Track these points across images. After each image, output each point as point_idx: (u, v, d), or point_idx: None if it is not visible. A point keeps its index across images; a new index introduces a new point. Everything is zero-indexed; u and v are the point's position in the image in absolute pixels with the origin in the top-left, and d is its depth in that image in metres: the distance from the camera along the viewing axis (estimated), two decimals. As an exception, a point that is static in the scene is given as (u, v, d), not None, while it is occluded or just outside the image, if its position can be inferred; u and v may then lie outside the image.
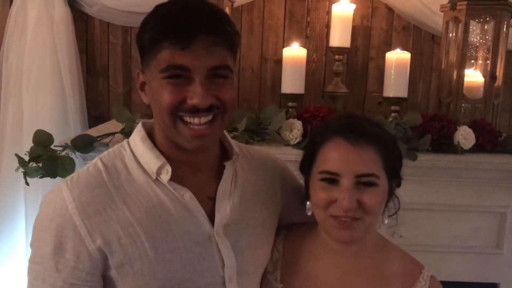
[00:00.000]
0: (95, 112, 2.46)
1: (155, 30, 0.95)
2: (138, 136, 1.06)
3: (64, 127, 2.23)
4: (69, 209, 0.96)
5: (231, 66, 1.00)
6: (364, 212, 1.06)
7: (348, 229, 1.08)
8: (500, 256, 1.95)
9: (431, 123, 1.88)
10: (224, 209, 1.06)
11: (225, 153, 1.12)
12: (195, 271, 1.01)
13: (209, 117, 0.98)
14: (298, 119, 1.86)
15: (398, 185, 1.17)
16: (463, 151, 1.86)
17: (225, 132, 1.12)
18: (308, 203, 1.16)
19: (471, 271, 1.96)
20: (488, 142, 1.91)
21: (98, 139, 1.72)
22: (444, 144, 1.87)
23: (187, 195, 1.02)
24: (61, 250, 0.96)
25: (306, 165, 1.15)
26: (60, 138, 1.80)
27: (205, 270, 1.03)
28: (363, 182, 1.06)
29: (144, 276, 0.98)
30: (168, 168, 1.01)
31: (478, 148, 1.89)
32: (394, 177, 1.13)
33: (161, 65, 0.95)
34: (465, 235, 1.94)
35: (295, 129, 1.83)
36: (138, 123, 1.10)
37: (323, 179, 1.08)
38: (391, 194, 1.13)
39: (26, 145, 1.84)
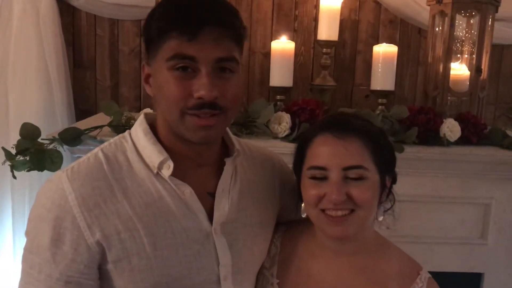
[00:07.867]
0: (82, 105, 2.44)
1: (162, 20, 0.94)
2: (140, 128, 1.04)
3: (51, 120, 2.22)
4: (69, 200, 0.94)
5: (238, 59, 0.99)
6: (355, 205, 1.05)
7: (340, 225, 1.06)
8: (484, 247, 1.98)
9: (417, 116, 1.90)
10: (223, 206, 1.05)
11: (226, 149, 1.11)
12: (191, 268, 1.01)
13: (214, 115, 0.97)
14: (286, 112, 1.86)
15: (394, 182, 1.14)
16: (449, 144, 1.88)
17: (227, 128, 1.11)
18: (302, 205, 1.15)
19: (456, 262, 1.99)
20: (474, 134, 1.93)
21: (86, 132, 1.71)
22: (430, 136, 1.89)
23: (188, 192, 1.01)
24: (59, 241, 0.94)
25: (297, 166, 1.14)
26: (47, 132, 1.78)
27: (202, 268, 1.02)
28: (352, 177, 1.04)
29: (141, 271, 0.97)
30: (170, 164, 0.99)
31: (463, 140, 1.91)
32: (387, 172, 1.11)
33: (168, 53, 0.93)
34: (451, 226, 1.96)
35: (283, 122, 1.83)
36: (140, 114, 1.08)
37: (312, 177, 1.08)
38: (383, 188, 1.10)
39: (12, 139, 1.82)
